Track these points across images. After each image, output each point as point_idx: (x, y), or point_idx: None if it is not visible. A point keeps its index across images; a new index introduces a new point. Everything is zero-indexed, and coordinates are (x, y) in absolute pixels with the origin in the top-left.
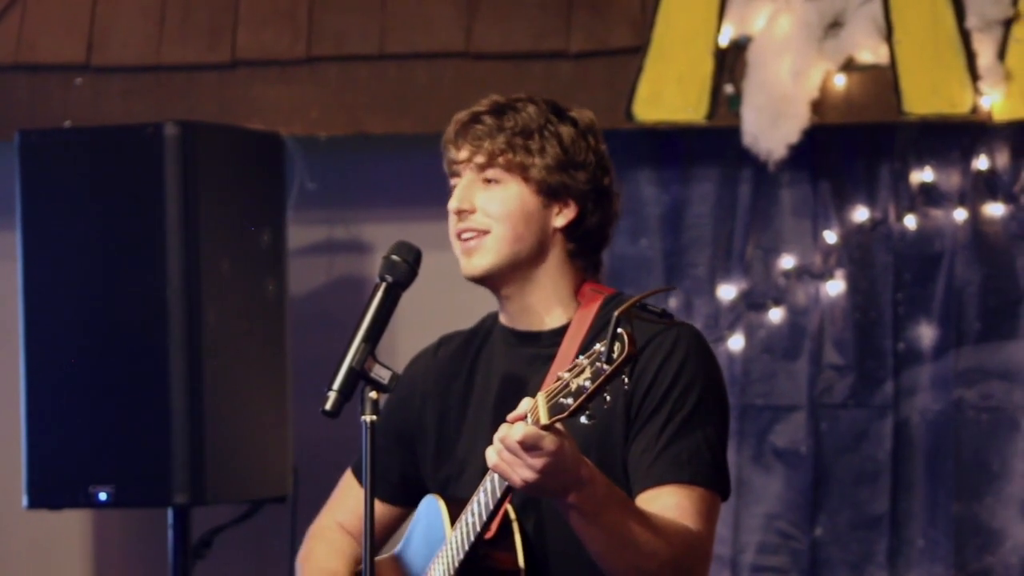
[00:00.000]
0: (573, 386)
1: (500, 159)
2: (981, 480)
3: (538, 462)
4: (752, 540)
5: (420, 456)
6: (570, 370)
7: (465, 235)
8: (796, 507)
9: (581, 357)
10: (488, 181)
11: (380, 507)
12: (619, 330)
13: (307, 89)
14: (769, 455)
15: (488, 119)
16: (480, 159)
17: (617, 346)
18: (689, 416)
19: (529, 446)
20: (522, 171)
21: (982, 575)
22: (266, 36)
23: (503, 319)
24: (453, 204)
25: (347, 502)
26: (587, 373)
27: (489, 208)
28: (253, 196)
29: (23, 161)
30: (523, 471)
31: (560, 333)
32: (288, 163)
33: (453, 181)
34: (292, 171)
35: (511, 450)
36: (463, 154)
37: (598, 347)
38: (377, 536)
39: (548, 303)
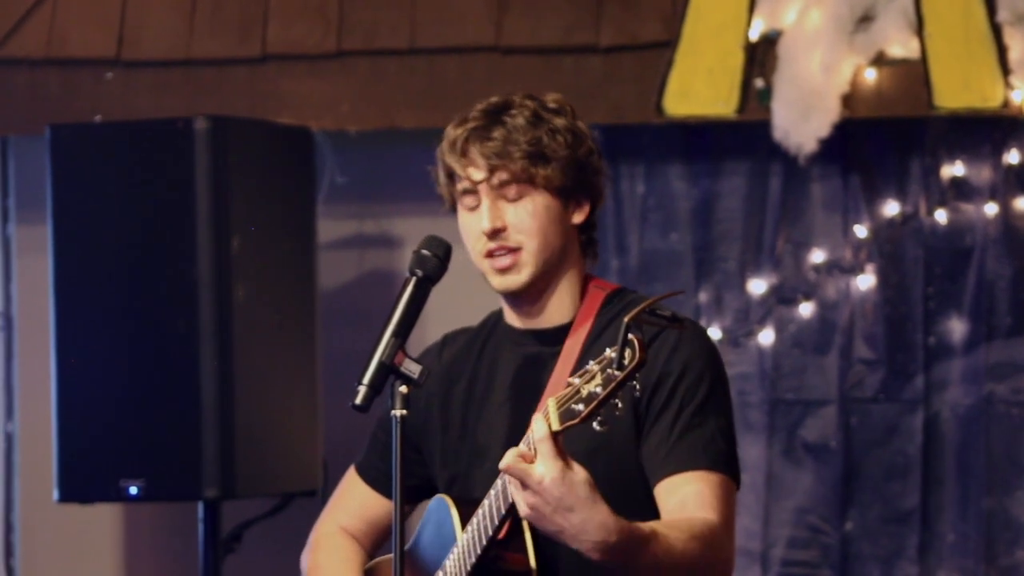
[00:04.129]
0: (584, 392)
1: (521, 174)
2: (1011, 474)
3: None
4: (782, 534)
5: (427, 455)
6: (580, 375)
7: (498, 253)
8: (826, 501)
9: (591, 363)
10: (511, 197)
11: (385, 504)
12: (629, 336)
13: (337, 83)
14: (799, 449)
15: (497, 133)
16: (503, 176)
17: (628, 352)
18: (701, 407)
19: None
20: (545, 182)
21: (1012, 569)
22: (296, 30)
23: (508, 318)
24: (486, 225)
25: (349, 504)
26: (598, 379)
27: (520, 224)
28: (283, 190)
29: (54, 155)
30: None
31: (565, 330)
32: (318, 157)
33: (469, 200)
34: (322, 165)
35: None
36: (479, 174)
37: (609, 353)
38: (379, 533)
39: (560, 301)
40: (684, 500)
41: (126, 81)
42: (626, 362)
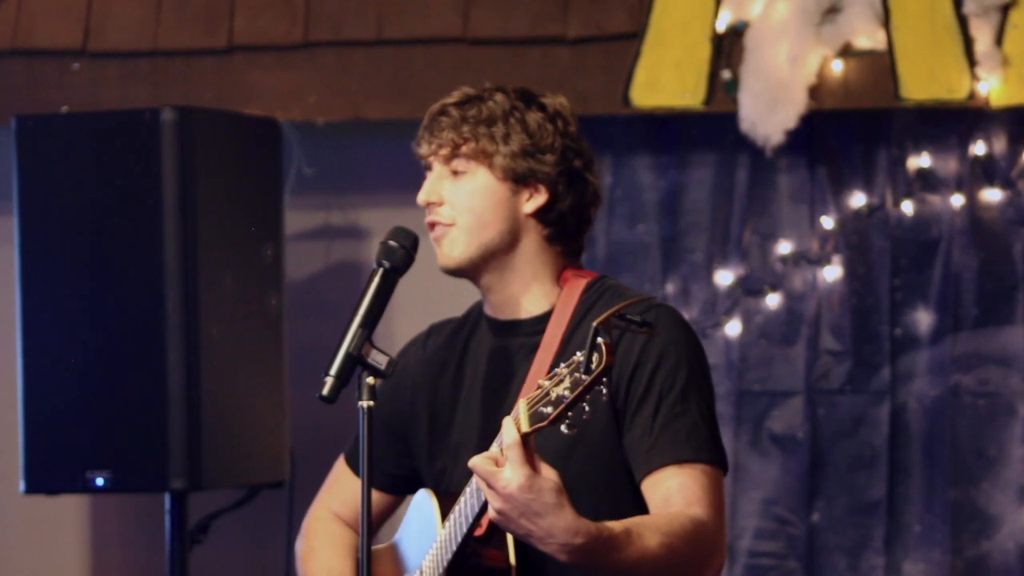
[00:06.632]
0: (553, 395)
1: (464, 148)
2: (978, 465)
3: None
4: (749, 525)
5: (414, 447)
6: (550, 378)
7: (436, 228)
8: (793, 492)
9: (561, 365)
10: (455, 173)
11: (376, 496)
12: (598, 340)
13: (304, 74)
14: (766, 440)
15: (453, 111)
16: (444, 151)
17: (595, 357)
18: (680, 395)
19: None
20: (486, 159)
21: (979, 560)
22: (263, 21)
23: (486, 309)
24: (421, 197)
25: (341, 491)
26: (567, 383)
27: (455, 199)
28: (250, 181)
29: (20, 146)
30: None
31: (543, 320)
32: (285, 148)
33: (427, 175)
34: (289, 156)
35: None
36: (428, 147)
37: (577, 356)
38: (373, 524)
39: (528, 290)
40: (668, 496)
41: (93, 72)
42: (593, 366)
